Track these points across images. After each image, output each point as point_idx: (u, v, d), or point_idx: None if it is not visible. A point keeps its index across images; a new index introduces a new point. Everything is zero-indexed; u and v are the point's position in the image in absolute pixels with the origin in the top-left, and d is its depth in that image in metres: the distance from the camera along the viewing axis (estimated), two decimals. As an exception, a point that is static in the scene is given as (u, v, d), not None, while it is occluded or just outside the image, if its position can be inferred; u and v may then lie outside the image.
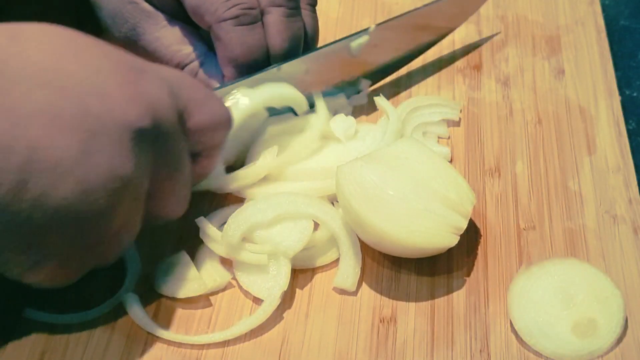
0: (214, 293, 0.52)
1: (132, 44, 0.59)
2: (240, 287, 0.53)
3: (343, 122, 0.59)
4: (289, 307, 0.52)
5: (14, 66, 0.42)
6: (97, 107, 0.43)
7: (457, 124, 0.63)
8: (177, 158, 0.48)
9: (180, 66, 0.59)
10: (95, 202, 0.43)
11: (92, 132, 0.42)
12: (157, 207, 0.48)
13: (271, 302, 0.50)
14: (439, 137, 0.61)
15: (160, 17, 0.59)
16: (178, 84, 0.48)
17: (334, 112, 0.61)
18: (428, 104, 0.63)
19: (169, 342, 0.50)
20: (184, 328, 0.51)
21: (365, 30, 0.61)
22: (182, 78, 0.49)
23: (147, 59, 0.49)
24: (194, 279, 0.52)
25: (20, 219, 0.41)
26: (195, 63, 0.59)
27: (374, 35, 0.61)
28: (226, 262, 0.54)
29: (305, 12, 0.60)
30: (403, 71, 0.67)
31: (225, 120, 0.51)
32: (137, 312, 0.51)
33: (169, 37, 0.59)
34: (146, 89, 0.45)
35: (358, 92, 0.64)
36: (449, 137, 0.62)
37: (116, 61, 0.45)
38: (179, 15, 0.59)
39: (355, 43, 0.61)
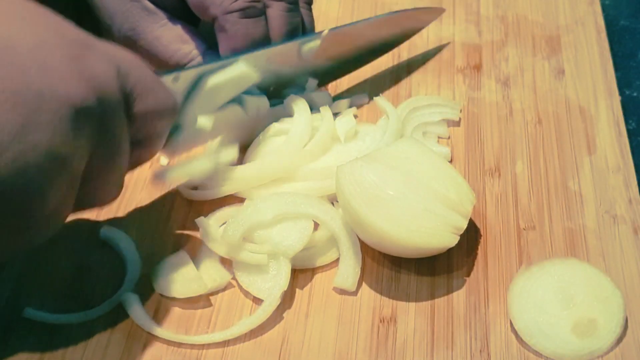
0: (214, 293, 0.52)
1: (132, 44, 0.59)
2: (240, 287, 0.53)
3: (343, 122, 0.59)
4: (289, 307, 0.52)
5: None
6: (39, 82, 0.42)
7: (457, 124, 0.63)
8: (118, 141, 0.47)
9: (181, 65, 0.59)
10: (31, 180, 0.42)
11: (33, 108, 0.41)
12: (90, 192, 0.47)
13: (271, 302, 0.50)
14: (439, 137, 0.61)
15: (159, 16, 0.59)
16: (127, 65, 0.47)
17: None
18: (428, 104, 0.63)
19: (169, 342, 0.50)
20: (184, 328, 0.51)
21: (318, 34, 0.61)
22: (132, 61, 0.48)
23: (147, 59, 0.49)
24: (194, 279, 0.52)
25: None
26: (195, 61, 0.59)
27: (326, 40, 0.61)
28: (226, 262, 0.54)
29: (302, 10, 0.60)
30: (403, 71, 0.67)
31: (171, 109, 0.50)
32: (137, 312, 0.51)
33: (169, 36, 0.59)
34: (92, 66, 0.44)
35: (304, 90, 0.63)
36: (449, 137, 0.62)
37: (63, 34, 0.44)
38: (178, 13, 0.59)
39: (307, 47, 0.60)
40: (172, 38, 0.59)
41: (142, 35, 0.59)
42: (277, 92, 0.61)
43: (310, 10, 0.61)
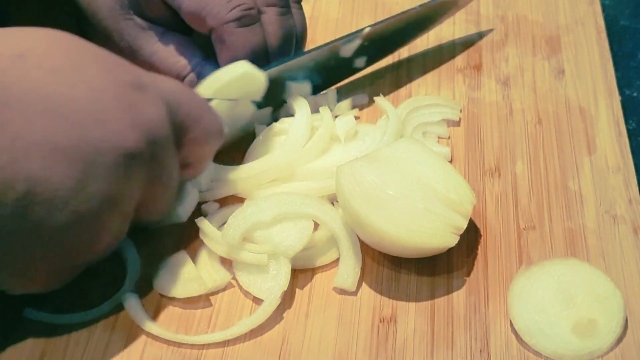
0: (214, 293, 0.52)
1: (132, 58, 0.59)
2: (240, 287, 0.53)
3: (343, 122, 0.59)
4: (289, 307, 0.52)
5: (18, 92, 0.41)
6: (96, 135, 0.43)
7: (457, 124, 0.63)
8: (169, 172, 0.48)
9: (180, 77, 0.59)
10: (88, 227, 0.44)
11: (90, 161, 0.43)
12: (144, 213, 0.49)
13: (271, 302, 0.50)
14: (439, 137, 0.61)
15: (155, 31, 0.59)
16: (177, 99, 0.48)
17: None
18: (428, 104, 0.63)
19: (169, 342, 0.50)
20: (184, 328, 0.51)
21: (358, 32, 0.61)
22: (181, 92, 0.49)
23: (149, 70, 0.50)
24: (194, 279, 0.52)
25: (15, 247, 0.42)
26: (194, 73, 0.59)
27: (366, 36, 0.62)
28: (226, 262, 0.54)
29: (294, 10, 0.60)
30: (403, 71, 0.67)
31: (219, 134, 0.52)
32: (137, 312, 0.51)
33: (166, 50, 0.59)
34: (146, 111, 0.45)
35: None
36: (449, 137, 0.62)
37: (115, 77, 0.45)
38: (173, 26, 0.59)
39: (347, 47, 0.61)
40: (169, 52, 0.59)
41: (139, 52, 0.59)
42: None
43: (301, 9, 0.61)
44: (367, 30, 0.61)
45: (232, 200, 0.57)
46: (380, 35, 0.63)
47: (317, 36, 0.69)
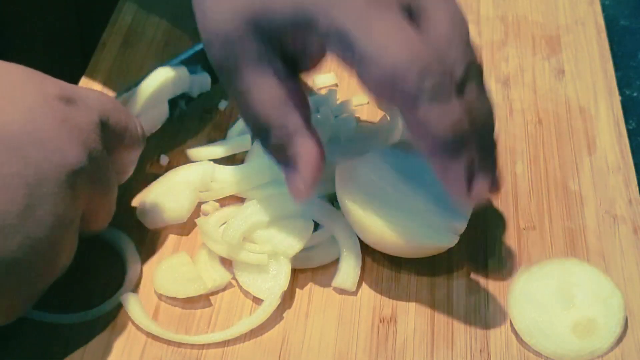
0: (214, 293, 0.52)
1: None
2: (240, 287, 0.53)
3: (343, 122, 0.59)
4: (289, 307, 0.52)
5: None
6: (36, 156, 0.42)
7: (457, 124, 0.63)
8: (109, 181, 0.48)
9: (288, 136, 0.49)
10: (44, 250, 0.43)
11: (34, 184, 0.42)
12: (89, 224, 0.49)
13: (271, 302, 0.50)
14: None
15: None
16: (105, 108, 0.48)
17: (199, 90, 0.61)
18: None
19: (169, 342, 0.50)
20: (184, 328, 0.51)
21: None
22: (107, 101, 0.49)
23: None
24: (194, 279, 0.52)
25: None
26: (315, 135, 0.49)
27: None
28: (226, 262, 0.54)
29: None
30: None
31: (143, 138, 0.52)
32: (137, 312, 0.51)
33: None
34: (78, 124, 0.45)
35: None
36: None
37: (47, 95, 0.44)
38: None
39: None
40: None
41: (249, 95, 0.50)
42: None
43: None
44: None
45: (232, 200, 0.57)
46: None
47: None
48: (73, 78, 0.66)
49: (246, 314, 0.52)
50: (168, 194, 0.56)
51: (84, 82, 0.66)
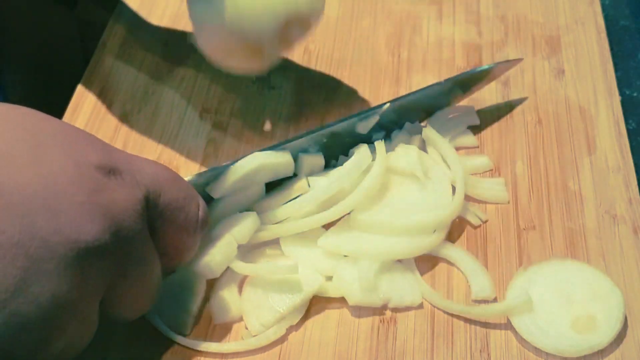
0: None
1: None
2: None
3: (404, 158, 0.56)
4: (289, 307, 0.52)
5: None
6: (45, 228, 0.37)
7: (457, 124, 0.63)
8: (142, 265, 0.43)
9: None
10: (33, 332, 0.38)
11: (35, 258, 0.37)
12: (116, 309, 0.44)
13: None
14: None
15: None
16: (160, 185, 0.44)
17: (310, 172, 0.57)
18: (451, 116, 0.61)
19: (169, 342, 0.50)
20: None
21: (377, 109, 0.58)
22: (165, 178, 0.45)
23: None
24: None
25: None
26: None
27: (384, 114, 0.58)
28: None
29: None
30: (403, 71, 0.67)
31: (204, 224, 0.47)
32: (156, 321, 0.50)
33: None
34: (114, 198, 0.40)
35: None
36: (477, 147, 0.61)
37: (80, 161, 0.40)
38: None
39: (364, 124, 0.57)
40: None
41: None
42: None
43: None
44: (386, 106, 0.58)
45: None
46: (399, 111, 0.59)
47: (317, 36, 0.69)
48: (73, 78, 0.66)
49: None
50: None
51: (84, 82, 0.66)
